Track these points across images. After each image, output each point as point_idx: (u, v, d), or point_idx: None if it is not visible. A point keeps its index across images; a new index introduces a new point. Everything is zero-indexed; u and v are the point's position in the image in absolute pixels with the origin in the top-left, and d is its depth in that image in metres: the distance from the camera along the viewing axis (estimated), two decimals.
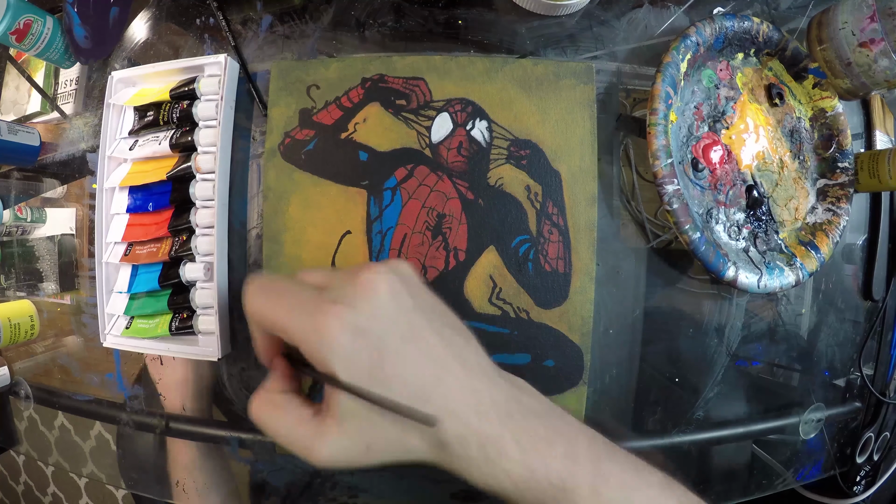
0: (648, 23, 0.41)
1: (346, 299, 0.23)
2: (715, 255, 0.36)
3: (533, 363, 0.38)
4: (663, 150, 0.36)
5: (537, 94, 0.38)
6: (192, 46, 0.42)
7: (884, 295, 0.47)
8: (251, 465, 0.42)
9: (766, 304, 0.43)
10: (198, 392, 0.42)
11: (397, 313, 0.24)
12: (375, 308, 0.23)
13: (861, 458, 0.48)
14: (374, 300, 0.23)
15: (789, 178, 0.42)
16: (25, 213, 0.47)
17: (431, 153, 0.38)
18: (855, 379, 0.48)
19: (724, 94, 0.40)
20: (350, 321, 0.22)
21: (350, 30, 0.40)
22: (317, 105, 0.38)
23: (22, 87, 0.48)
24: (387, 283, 0.24)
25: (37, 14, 0.41)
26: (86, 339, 0.45)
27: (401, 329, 0.23)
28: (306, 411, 0.24)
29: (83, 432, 0.89)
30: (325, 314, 0.22)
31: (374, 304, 0.23)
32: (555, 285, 0.38)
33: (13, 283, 0.48)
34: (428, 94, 0.38)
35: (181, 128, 0.39)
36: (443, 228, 0.38)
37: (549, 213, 0.38)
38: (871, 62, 0.37)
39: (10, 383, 0.48)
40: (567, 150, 0.38)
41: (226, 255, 0.39)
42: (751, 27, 0.39)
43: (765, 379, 0.45)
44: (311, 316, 0.22)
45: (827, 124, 0.42)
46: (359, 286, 0.23)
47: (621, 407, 0.41)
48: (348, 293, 0.23)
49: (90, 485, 1.29)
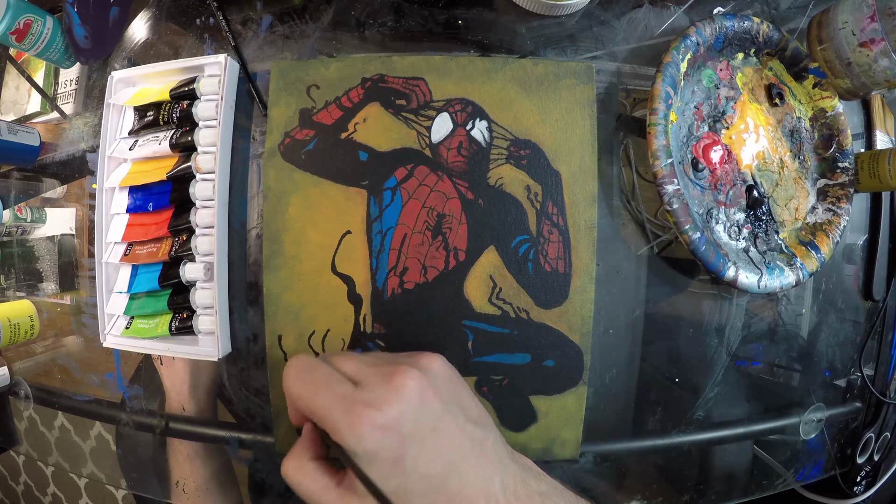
0: (648, 23, 0.41)
1: (377, 402, 0.26)
2: (715, 255, 0.36)
3: (533, 363, 0.38)
4: (663, 150, 0.36)
5: (537, 94, 0.38)
6: (192, 46, 0.42)
7: (884, 295, 0.47)
8: (251, 465, 0.42)
9: (767, 304, 0.43)
10: (200, 392, 0.42)
11: (423, 415, 0.27)
12: (404, 411, 0.26)
13: (861, 458, 0.48)
14: (403, 404, 0.26)
15: (789, 178, 0.42)
16: (25, 213, 0.47)
17: (431, 153, 0.38)
18: (855, 379, 0.48)
19: (725, 93, 0.40)
20: (379, 423, 0.25)
21: (350, 30, 0.40)
22: (317, 105, 0.38)
23: (22, 87, 0.48)
24: (417, 388, 0.27)
25: (37, 14, 0.41)
26: (86, 339, 0.45)
27: (424, 428, 0.26)
28: (332, 480, 0.28)
29: (83, 432, 0.89)
30: (358, 417, 0.25)
31: (402, 408, 0.26)
32: (555, 285, 0.38)
33: (13, 283, 0.48)
34: (428, 94, 0.38)
35: (181, 128, 0.39)
36: (443, 228, 0.38)
37: (549, 213, 0.38)
38: (871, 62, 0.37)
39: (10, 383, 0.48)
40: (567, 150, 0.38)
41: (226, 255, 0.39)
42: (751, 27, 0.39)
43: (765, 379, 0.45)
44: (344, 415, 0.25)
45: (827, 124, 0.42)
46: (391, 390, 0.26)
47: (621, 407, 0.41)
48: (380, 395, 0.26)
49: (90, 485, 1.29)
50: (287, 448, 0.39)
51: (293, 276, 0.38)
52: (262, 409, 0.41)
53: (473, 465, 0.27)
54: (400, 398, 0.26)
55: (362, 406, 0.25)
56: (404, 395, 0.26)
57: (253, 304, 0.40)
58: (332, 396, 0.26)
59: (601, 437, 0.40)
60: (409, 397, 0.26)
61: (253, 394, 0.41)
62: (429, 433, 0.26)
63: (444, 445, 0.27)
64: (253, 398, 0.41)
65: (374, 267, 0.37)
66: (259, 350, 0.40)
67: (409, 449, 0.26)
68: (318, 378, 0.27)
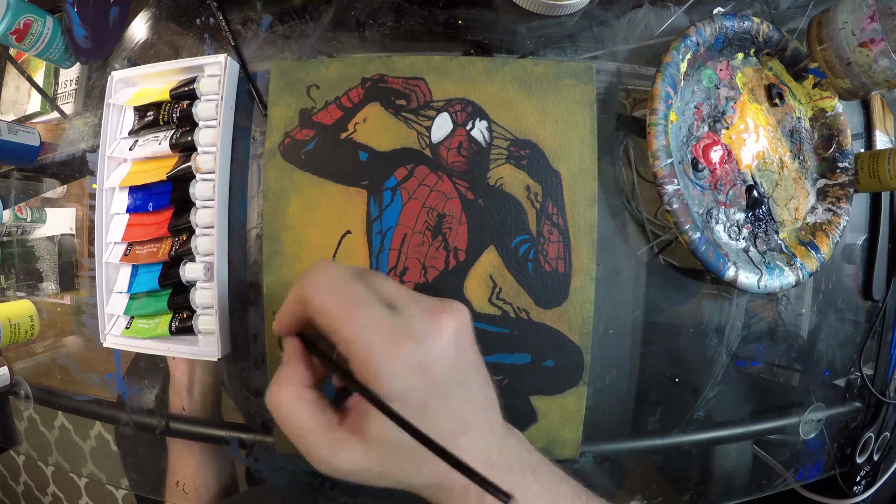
0: (648, 23, 0.41)
1: (420, 336, 0.23)
2: (715, 255, 0.36)
3: (533, 363, 0.38)
4: (663, 150, 0.36)
5: (537, 94, 0.38)
6: (192, 46, 0.42)
7: (884, 295, 0.47)
8: (251, 465, 0.42)
9: (766, 304, 0.43)
10: (200, 391, 0.42)
11: (457, 363, 0.24)
12: (443, 350, 0.23)
13: (861, 458, 0.48)
14: (444, 342, 0.23)
15: (789, 178, 0.42)
16: (25, 213, 0.47)
17: (431, 153, 0.38)
18: (855, 379, 0.48)
19: (724, 93, 0.40)
20: (419, 360, 0.22)
21: (350, 30, 0.40)
22: (317, 105, 0.38)
23: (22, 87, 0.48)
24: (456, 330, 0.24)
25: (37, 14, 0.41)
26: (86, 339, 0.45)
27: (455, 378, 0.24)
28: (332, 418, 0.24)
29: (83, 432, 0.89)
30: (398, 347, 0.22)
31: (442, 347, 0.23)
32: (555, 285, 0.38)
33: (13, 283, 0.48)
34: (428, 94, 0.38)
35: (181, 128, 0.39)
36: (443, 228, 0.38)
37: (549, 213, 0.38)
38: (871, 62, 0.37)
39: (10, 383, 0.48)
40: (567, 150, 0.38)
41: (226, 255, 0.39)
42: (751, 27, 0.39)
43: (765, 379, 0.45)
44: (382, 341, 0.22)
45: (827, 124, 0.42)
46: (435, 325, 0.23)
47: (621, 407, 0.41)
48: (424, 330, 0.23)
49: (90, 485, 1.29)
50: (286, 448, 0.39)
51: (293, 276, 0.38)
52: (262, 409, 0.41)
53: (480, 429, 0.25)
54: (441, 338, 0.23)
55: (404, 338, 0.22)
56: (445, 336, 0.23)
57: (253, 304, 0.40)
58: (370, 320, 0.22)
59: (601, 437, 0.40)
60: (449, 340, 0.23)
61: (253, 394, 0.41)
62: (457, 384, 0.24)
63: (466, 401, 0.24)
64: (253, 398, 0.41)
65: (375, 267, 0.37)
66: (259, 350, 0.40)
67: (436, 397, 0.23)
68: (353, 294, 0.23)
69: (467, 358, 0.25)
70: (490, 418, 0.26)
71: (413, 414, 0.22)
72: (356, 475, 0.24)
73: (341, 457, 0.23)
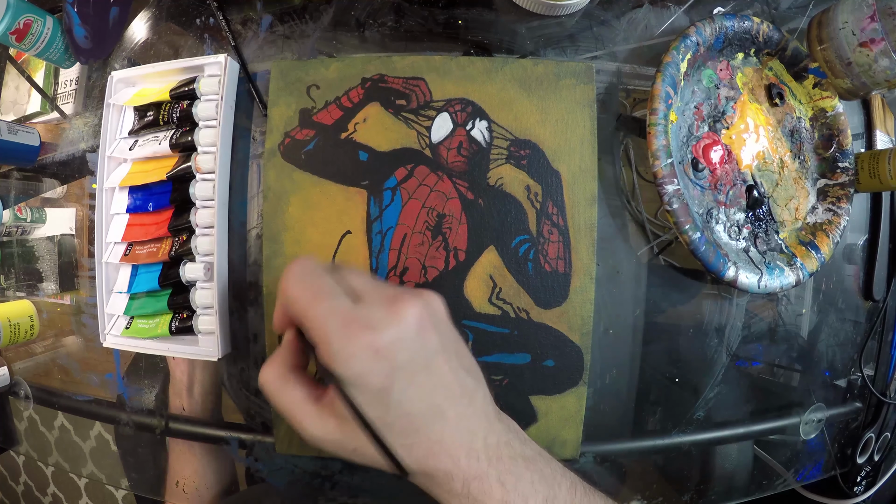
0: (648, 23, 0.41)
1: (376, 323, 0.24)
2: (715, 255, 0.36)
3: (533, 363, 0.38)
4: (663, 150, 0.36)
5: (537, 94, 0.38)
6: (192, 46, 0.42)
7: (884, 295, 0.47)
8: (251, 465, 0.42)
9: (767, 304, 0.43)
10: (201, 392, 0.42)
11: (419, 348, 0.25)
12: (402, 339, 0.24)
13: (862, 458, 0.48)
14: (402, 331, 0.24)
15: (789, 178, 0.42)
16: (25, 213, 0.47)
17: (431, 153, 0.38)
18: (855, 379, 0.48)
19: (725, 93, 0.40)
20: (374, 346, 0.23)
21: (350, 30, 0.40)
22: (317, 105, 0.38)
23: (22, 87, 0.48)
24: (418, 319, 0.25)
25: (37, 14, 0.41)
26: (86, 340, 0.45)
27: (418, 363, 0.25)
28: (312, 392, 0.26)
29: (83, 432, 0.89)
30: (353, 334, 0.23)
31: (400, 335, 0.24)
32: (555, 285, 0.38)
33: (13, 283, 0.48)
34: (428, 94, 0.38)
35: (181, 128, 0.39)
36: (443, 228, 0.38)
37: (549, 213, 0.38)
38: (871, 62, 0.37)
39: (10, 383, 0.48)
40: (567, 150, 0.38)
41: (226, 255, 0.39)
42: (751, 27, 0.39)
43: (765, 379, 0.45)
44: (338, 329, 0.23)
45: (827, 124, 0.42)
46: (392, 314, 0.24)
47: (621, 407, 0.41)
48: (380, 318, 0.24)
49: (90, 485, 1.29)
50: (286, 448, 0.39)
51: None
52: (263, 409, 0.41)
53: (459, 416, 0.25)
54: (400, 325, 0.24)
55: (359, 325, 0.23)
56: (405, 322, 0.24)
57: (253, 304, 0.40)
58: (330, 308, 0.24)
59: (601, 437, 0.40)
60: (409, 326, 0.24)
61: (253, 394, 0.41)
62: (421, 369, 0.25)
63: (435, 386, 0.25)
64: (253, 398, 0.41)
65: (374, 267, 0.37)
66: (259, 350, 0.40)
67: (398, 381, 0.24)
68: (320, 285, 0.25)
69: (431, 344, 0.25)
70: (475, 407, 0.26)
71: (371, 396, 0.24)
72: (335, 450, 0.25)
73: (319, 428, 0.25)
